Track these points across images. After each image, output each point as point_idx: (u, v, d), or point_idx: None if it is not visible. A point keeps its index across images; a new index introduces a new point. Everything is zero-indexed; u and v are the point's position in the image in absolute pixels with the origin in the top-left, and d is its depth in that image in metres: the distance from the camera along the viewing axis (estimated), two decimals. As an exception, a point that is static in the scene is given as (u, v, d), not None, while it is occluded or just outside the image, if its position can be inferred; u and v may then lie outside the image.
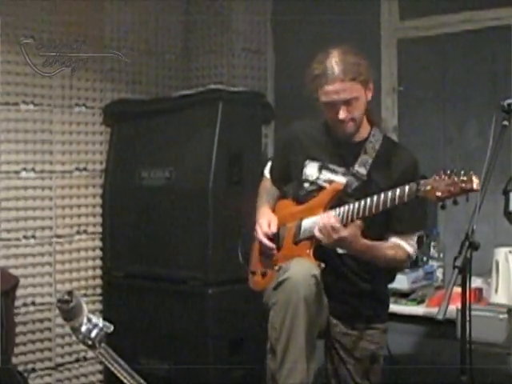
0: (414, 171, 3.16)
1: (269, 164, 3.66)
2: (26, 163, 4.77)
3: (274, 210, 3.46)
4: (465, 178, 2.66)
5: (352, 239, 2.97)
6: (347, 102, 3.08)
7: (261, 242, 3.33)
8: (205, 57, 5.54)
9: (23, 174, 4.75)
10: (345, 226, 2.99)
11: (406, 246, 3.16)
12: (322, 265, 3.09)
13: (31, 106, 4.78)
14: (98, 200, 5.14)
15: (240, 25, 5.42)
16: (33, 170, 4.80)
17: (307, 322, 2.93)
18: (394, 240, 3.14)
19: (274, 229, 3.30)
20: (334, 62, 3.06)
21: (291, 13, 5.33)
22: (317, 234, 3.01)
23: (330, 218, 2.96)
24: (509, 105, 2.89)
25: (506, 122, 2.87)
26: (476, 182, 2.64)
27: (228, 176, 4.58)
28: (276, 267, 3.18)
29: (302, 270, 2.98)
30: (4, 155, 4.67)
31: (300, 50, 5.08)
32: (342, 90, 3.06)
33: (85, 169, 5.07)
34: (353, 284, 3.23)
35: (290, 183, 3.49)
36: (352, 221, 3.01)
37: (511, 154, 4.11)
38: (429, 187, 2.73)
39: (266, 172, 3.64)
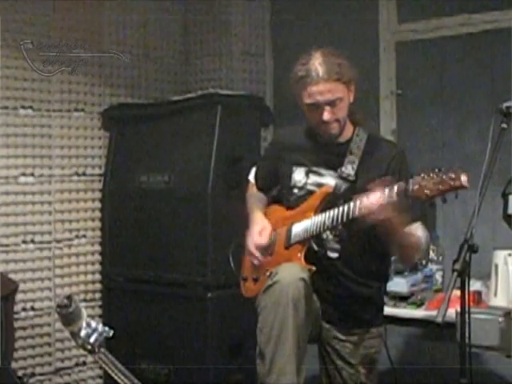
0: (400, 162, 3.16)
1: (253, 170, 3.64)
2: (25, 168, 4.78)
3: (264, 215, 3.43)
4: (453, 176, 2.63)
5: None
6: (331, 103, 3.06)
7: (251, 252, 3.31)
8: (203, 61, 5.54)
9: (22, 178, 4.76)
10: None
11: (423, 233, 3.11)
12: (313, 268, 3.06)
13: (30, 111, 4.79)
14: (97, 204, 5.14)
15: (239, 28, 5.42)
16: (32, 174, 4.80)
17: (296, 324, 2.90)
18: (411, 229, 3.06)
19: (264, 240, 3.26)
20: (318, 63, 3.05)
21: (290, 16, 5.34)
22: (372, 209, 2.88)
23: (392, 190, 2.82)
24: (507, 108, 2.89)
25: (504, 125, 2.87)
26: (464, 179, 2.62)
27: (227, 180, 4.59)
28: (267, 273, 3.16)
29: (291, 273, 2.96)
30: (3, 160, 4.68)
31: (299, 54, 5.07)
32: (326, 91, 3.04)
33: (84, 173, 5.07)
34: (345, 288, 3.20)
35: (275, 189, 3.49)
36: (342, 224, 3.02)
37: (510, 157, 4.11)
38: (417, 186, 2.70)
39: (251, 178, 3.62)
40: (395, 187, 2.79)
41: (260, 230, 3.30)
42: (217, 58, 5.46)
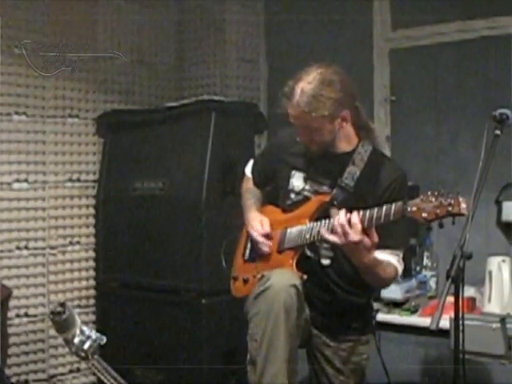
0: (401, 185, 3.12)
1: (250, 163, 3.63)
2: (19, 174, 4.77)
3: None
4: (452, 202, 2.62)
5: (368, 247, 2.88)
6: (306, 128, 3.07)
7: (255, 243, 3.29)
8: (198, 67, 5.55)
9: (16, 184, 4.75)
10: None
11: (396, 263, 3.13)
12: (305, 276, 3.05)
13: (24, 117, 4.78)
14: (91, 211, 5.14)
15: (233, 35, 5.43)
16: (26, 180, 4.79)
17: (288, 331, 2.89)
18: (384, 256, 3.08)
19: (267, 228, 3.27)
20: (300, 90, 3.02)
21: (284, 23, 5.35)
22: (328, 236, 2.92)
23: (354, 216, 2.86)
24: (501, 114, 2.89)
25: (498, 132, 2.87)
26: (463, 207, 2.60)
27: (221, 186, 4.58)
28: (258, 275, 3.15)
29: (283, 279, 2.96)
30: (-3, 166, 4.68)
31: (293, 60, 5.09)
32: (301, 118, 3.04)
33: (78, 179, 5.07)
34: (335, 296, 3.20)
35: (271, 187, 3.48)
36: None
37: (504, 164, 4.12)
38: (415, 208, 2.69)
39: (248, 172, 3.61)
40: (392, 207, 2.79)
41: (260, 221, 3.31)
42: (211, 65, 5.46)
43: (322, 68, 3.07)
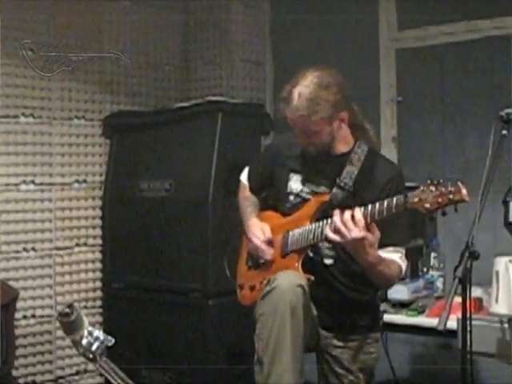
0: (398, 182, 3.14)
1: (246, 170, 3.62)
2: (26, 176, 4.78)
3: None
4: (452, 189, 2.62)
5: (372, 243, 2.90)
6: (305, 131, 3.08)
7: (257, 251, 3.28)
8: (204, 68, 5.55)
9: (23, 186, 4.76)
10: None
11: (399, 260, 3.13)
12: (312, 278, 3.05)
13: (31, 119, 4.79)
14: (98, 212, 5.15)
15: (239, 36, 5.43)
16: (32, 182, 4.80)
17: (294, 331, 2.89)
18: (386, 254, 3.06)
19: (268, 235, 3.27)
20: (297, 93, 3.02)
21: (290, 24, 5.35)
22: (330, 235, 2.92)
23: (357, 212, 2.86)
24: (508, 114, 2.89)
25: (504, 132, 2.87)
26: (464, 193, 2.61)
27: (227, 187, 4.57)
28: (264, 281, 3.15)
29: (289, 280, 2.96)
30: (3, 168, 4.68)
31: (299, 61, 5.09)
32: (299, 121, 3.05)
33: (84, 181, 5.08)
34: (340, 294, 3.19)
35: (265, 192, 3.48)
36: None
37: (510, 164, 4.11)
38: (416, 199, 2.69)
39: (244, 179, 3.60)
40: (394, 200, 2.79)
41: (261, 228, 3.30)
42: (217, 66, 5.47)
43: (319, 71, 3.08)
